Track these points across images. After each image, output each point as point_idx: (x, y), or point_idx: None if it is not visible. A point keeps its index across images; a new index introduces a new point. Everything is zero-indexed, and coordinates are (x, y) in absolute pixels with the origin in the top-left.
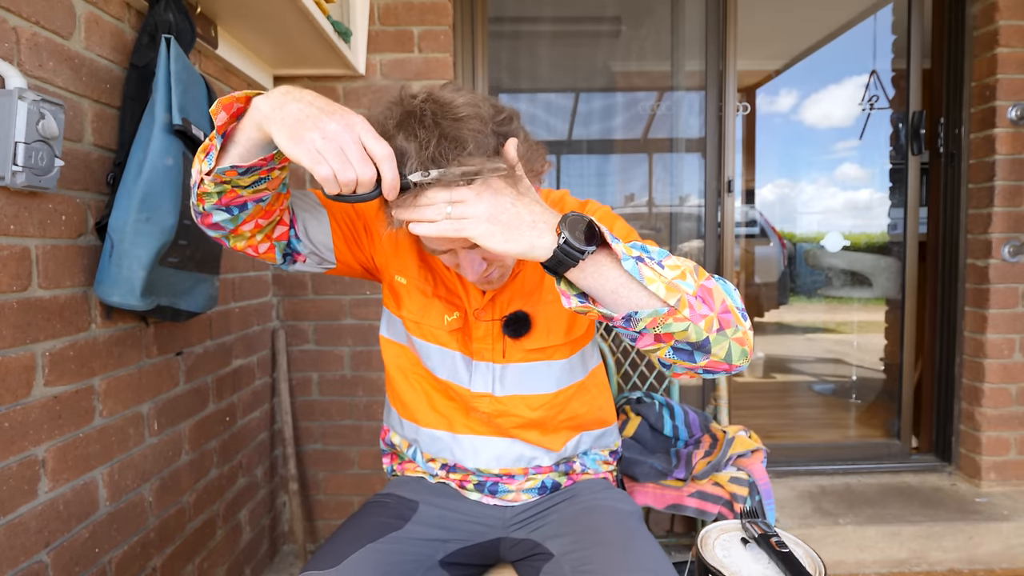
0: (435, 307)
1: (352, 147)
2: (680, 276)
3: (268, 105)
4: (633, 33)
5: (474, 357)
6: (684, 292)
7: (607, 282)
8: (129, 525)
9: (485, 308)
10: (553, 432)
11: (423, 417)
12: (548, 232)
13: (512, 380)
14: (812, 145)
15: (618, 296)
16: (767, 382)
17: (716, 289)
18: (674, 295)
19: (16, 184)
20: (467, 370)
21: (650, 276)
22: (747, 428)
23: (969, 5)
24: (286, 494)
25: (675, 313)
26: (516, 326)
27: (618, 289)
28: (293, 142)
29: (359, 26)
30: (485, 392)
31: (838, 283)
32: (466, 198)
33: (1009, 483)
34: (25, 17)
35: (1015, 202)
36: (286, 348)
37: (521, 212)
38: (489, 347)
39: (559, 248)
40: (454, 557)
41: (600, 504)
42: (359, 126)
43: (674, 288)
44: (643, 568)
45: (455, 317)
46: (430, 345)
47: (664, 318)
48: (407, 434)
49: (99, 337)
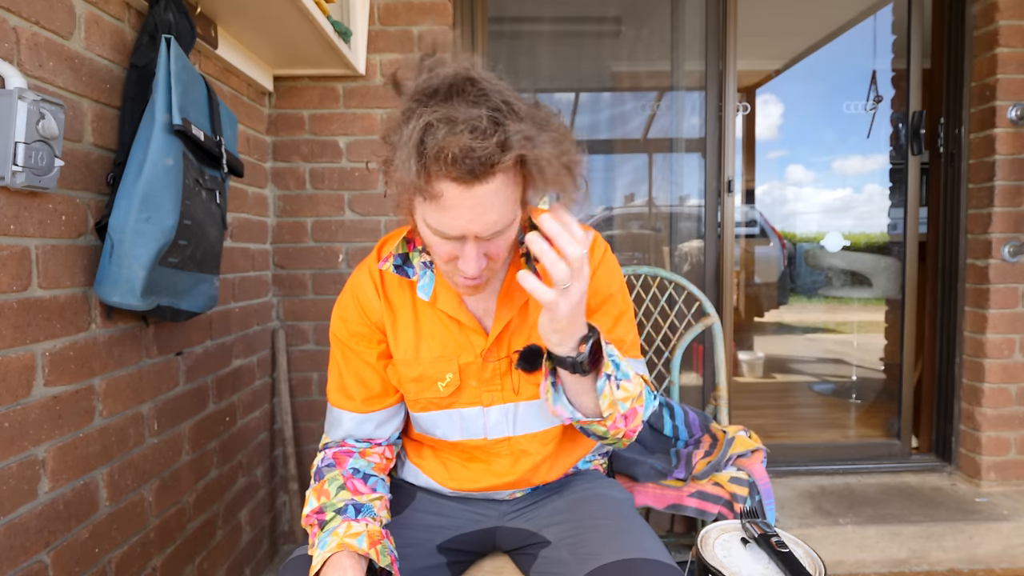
0: (426, 379)
1: None
2: (624, 399)
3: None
4: (633, 33)
5: (484, 404)
6: (617, 412)
7: (576, 387)
8: (129, 525)
9: (492, 348)
10: (553, 469)
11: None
12: (574, 343)
13: (527, 417)
14: (812, 144)
15: (576, 397)
16: (767, 382)
17: (639, 415)
18: (609, 411)
19: (16, 184)
20: (479, 422)
21: (605, 393)
22: (747, 428)
23: (969, 5)
24: (286, 494)
25: (601, 422)
26: (531, 360)
27: (579, 393)
28: None
29: (359, 26)
30: (503, 437)
31: (838, 283)
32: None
33: (1009, 483)
34: (25, 17)
35: (1015, 202)
36: (286, 348)
37: (579, 318)
38: (499, 388)
39: (572, 359)
40: (451, 543)
41: (594, 492)
42: None
43: (614, 406)
44: (640, 549)
45: (449, 380)
46: (434, 413)
47: (590, 422)
48: (407, 478)
49: (99, 337)
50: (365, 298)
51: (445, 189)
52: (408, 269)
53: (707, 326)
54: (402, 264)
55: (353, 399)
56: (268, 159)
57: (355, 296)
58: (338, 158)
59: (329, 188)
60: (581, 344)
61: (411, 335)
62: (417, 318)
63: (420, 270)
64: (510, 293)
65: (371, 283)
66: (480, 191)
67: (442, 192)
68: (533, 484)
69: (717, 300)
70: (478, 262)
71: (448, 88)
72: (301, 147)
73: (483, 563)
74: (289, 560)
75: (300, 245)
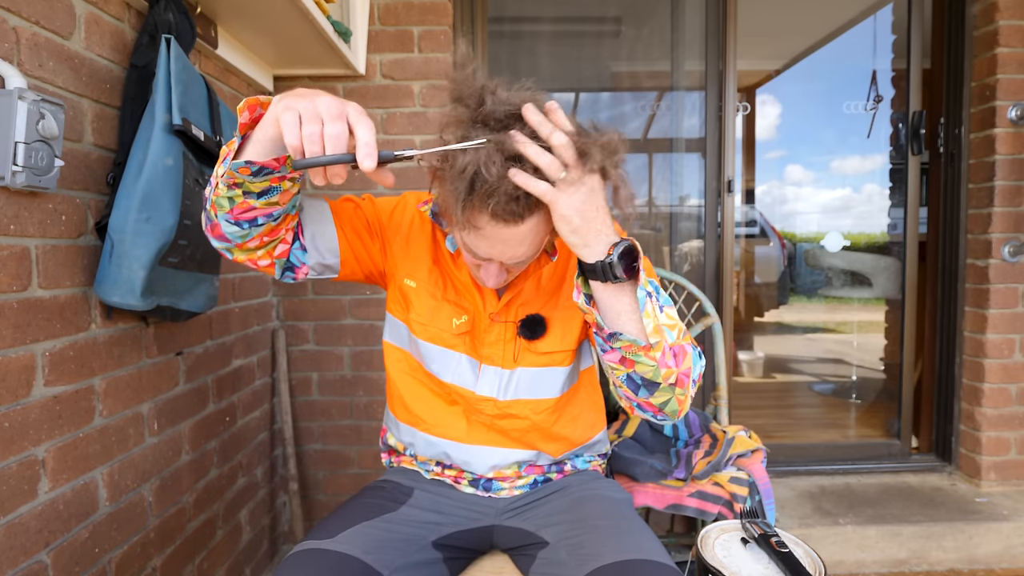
0: (444, 310)
1: (332, 110)
2: (669, 327)
3: (284, 98)
4: (633, 33)
5: (482, 361)
6: (665, 339)
7: (616, 303)
8: (129, 525)
9: (500, 311)
10: (552, 441)
11: (422, 421)
12: (604, 246)
13: (520, 384)
14: (812, 144)
15: (617, 316)
16: (767, 382)
17: (688, 355)
18: (656, 337)
19: (16, 184)
20: (473, 373)
21: (648, 312)
22: (747, 428)
23: (969, 5)
24: (286, 494)
25: (649, 351)
26: (533, 327)
27: (621, 312)
28: (285, 108)
29: (359, 26)
30: (490, 396)
31: (838, 283)
32: (579, 177)
33: (1009, 483)
34: (25, 17)
35: (1015, 202)
36: (286, 348)
37: (599, 217)
38: (500, 351)
39: (602, 263)
40: (447, 540)
41: (592, 494)
42: (351, 104)
43: (659, 332)
44: (638, 550)
45: (464, 320)
46: (436, 348)
47: (638, 349)
48: (403, 438)
49: (99, 337)
50: (400, 212)
51: (484, 223)
52: (442, 221)
53: (707, 326)
54: (439, 213)
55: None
56: None
57: (396, 205)
58: None
59: (329, 188)
60: (611, 248)
61: (437, 267)
62: (447, 259)
63: None
64: None
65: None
66: (516, 230)
67: (481, 225)
68: (523, 446)
69: (717, 300)
70: (498, 278)
71: (506, 119)
72: None
73: (483, 562)
74: (288, 556)
75: None
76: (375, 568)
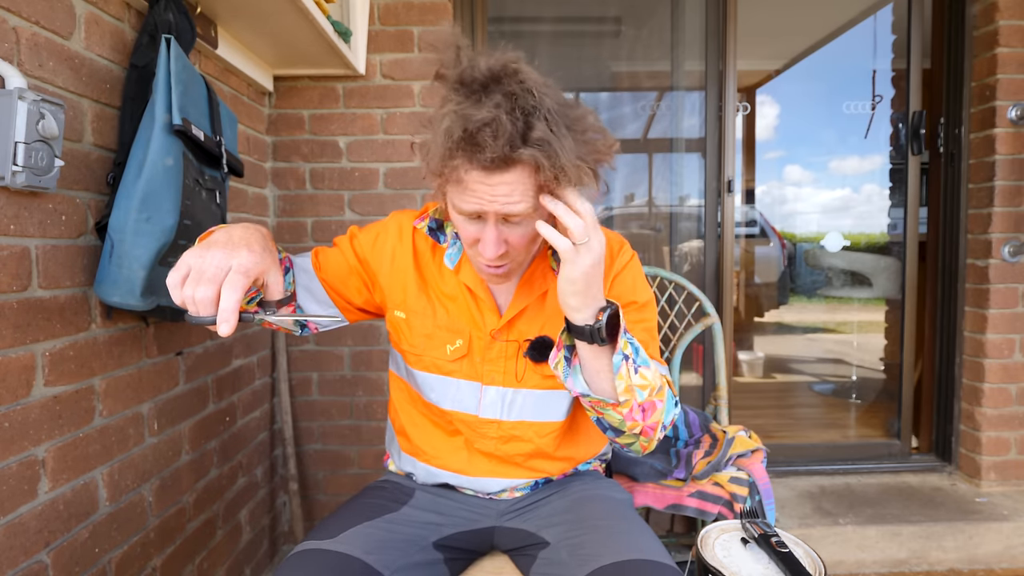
0: (436, 338)
1: (209, 272)
2: (641, 387)
3: (192, 249)
4: (633, 33)
5: (483, 382)
6: (634, 399)
7: (594, 363)
8: (129, 525)
9: (503, 329)
10: (555, 462)
11: (423, 452)
12: (593, 311)
13: (524, 406)
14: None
15: (592, 376)
16: (767, 382)
17: (658, 410)
18: (626, 396)
19: (16, 184)
20: (474, 397)
21: (622, 375)
22: (747, 428)
23: (969, 5)
24: (286, 494)
25: (617, 407)
26: (542, 350)
27: (597, 372)
28: (179, 263)
29: (359, 26)
30: (493, 418)
31: (838, 283)
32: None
33: (1009, 483)
34: (25, 17)
35: (1015, 202)
36: (286, 348)
37: (596, 283)
38: (501, 369)
39: (591, 327)
40: (448, 540)
41: (593, 494)
42: (237, 259)
43: (630, 392)
44: (639, 549)
45: (458, 345)
46: (433, 376)
47: (606, 406)
48: (404, 467)
49: (99, 337)
50: (382, 238)
51: (466, 174)
52: (440, 235)
53: (707, 326)
54: (436, 228)
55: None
56: (268, 159)
57: (377, 234)
58: (338, 158)
59: (329, 188)
60: (599, 313)
61: (423, 294)
62: (437, 281)
63: (451, 239)
64: (531, 282)
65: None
66: (499, 179)
67: (463, 177)
68: (527, 471)
69: (717, 300)
70: (497, 245)
71: (484, 80)
72: (301, 147)
73: (483, 563)
74: (289, 556)
75: (300, 245)
76: (376, 568)
